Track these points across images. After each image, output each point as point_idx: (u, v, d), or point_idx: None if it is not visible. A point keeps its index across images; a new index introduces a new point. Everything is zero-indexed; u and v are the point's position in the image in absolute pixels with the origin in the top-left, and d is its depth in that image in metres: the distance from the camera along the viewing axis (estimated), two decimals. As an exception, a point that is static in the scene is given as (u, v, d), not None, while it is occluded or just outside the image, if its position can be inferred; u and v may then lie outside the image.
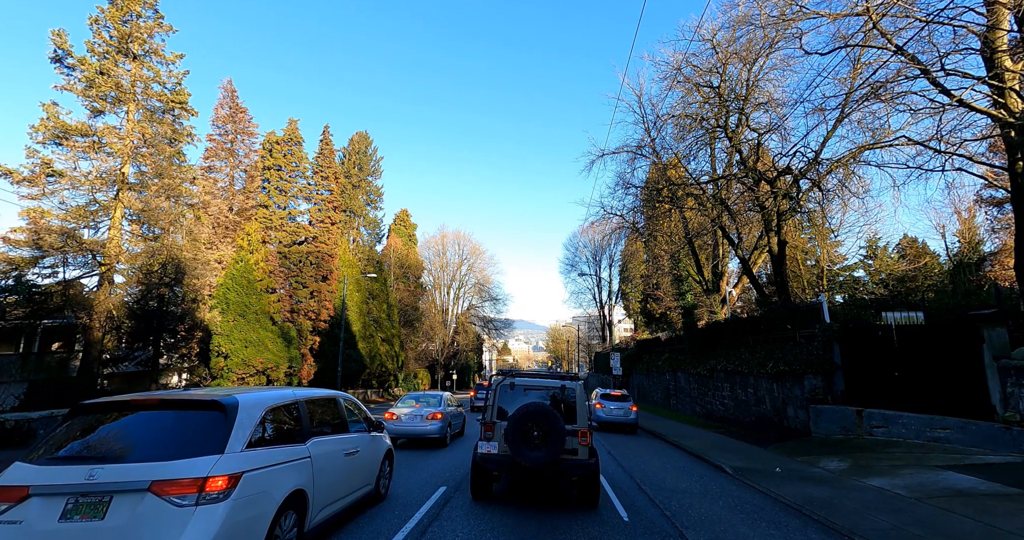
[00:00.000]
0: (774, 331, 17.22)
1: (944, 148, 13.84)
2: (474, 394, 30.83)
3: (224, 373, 24.17)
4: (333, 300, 33.58)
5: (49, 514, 3.66)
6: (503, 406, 7.72)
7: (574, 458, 7.31)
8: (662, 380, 30.67)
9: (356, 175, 45.97)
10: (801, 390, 13.90)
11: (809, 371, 13.66)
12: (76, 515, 3.66)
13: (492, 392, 7.88)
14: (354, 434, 6.63)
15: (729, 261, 30.55)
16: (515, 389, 7.89)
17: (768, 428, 15.72)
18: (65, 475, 3.80)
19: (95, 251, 17.66)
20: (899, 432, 11.41)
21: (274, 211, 31.26)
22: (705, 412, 22.51)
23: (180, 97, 21.15)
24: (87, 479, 3.73)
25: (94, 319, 17.94)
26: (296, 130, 33.52)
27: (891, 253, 39.66)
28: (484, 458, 7.39)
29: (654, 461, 12.53)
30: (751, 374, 17.21)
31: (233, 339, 24.44)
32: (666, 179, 20.94)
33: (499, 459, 7.32)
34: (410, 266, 62.27)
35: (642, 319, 56.50)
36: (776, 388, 15.44)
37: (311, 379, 31.60)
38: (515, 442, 6.87)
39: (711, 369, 21.36)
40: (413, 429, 13.45)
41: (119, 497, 3.71)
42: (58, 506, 3.69)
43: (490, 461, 7.34)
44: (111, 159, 19.09)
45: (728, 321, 22.53)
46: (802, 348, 14.89)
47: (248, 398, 4.67)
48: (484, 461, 7.37)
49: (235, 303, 24.88)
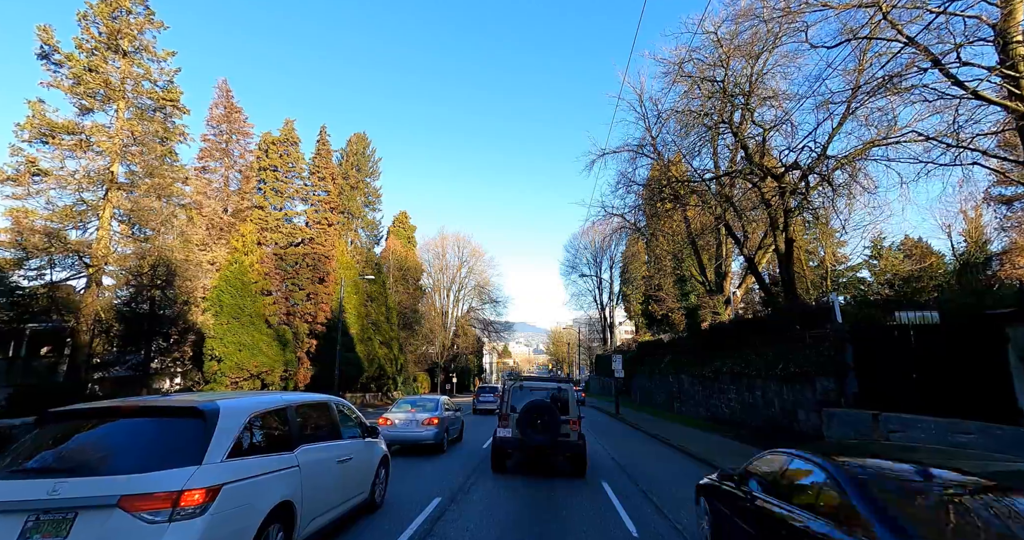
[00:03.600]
0: (782, 332, 16.68)
1: (955, 143, 13.39)
2: (476, 397, 30.52)
3: (217, 377, 23.62)
4: (330, 302, 33.07)
5: (7, 533, 3.34)
6: (514, 403, 10.32)
7: (567, 440, 9.94)
8: (665, 383, 30.12)
9: (354, 176, 45.51)
10: (812, 393, 13.36)
11: (821, 373, 13.12)
12: (36, 534, 3.32)
13: (505, 392, 10.76)
14: (347, 440, 6.23)
15: (732, 261, 30.04)
16: (523, 390, 10.70)
17: (777, 432, 15.17)
18: (25, 490, 3.46)
19: (81, 252, 17.16)
20: (917, 437, 10.87)
21: (270, 212, 30.77)
22: (711, 415, 21.96)
23: (172, 95, 20.70)
24: (50, 494, 3.39)
25: (81, 322, 17.43)
26: (292, 130, 33.05)
27: (895, 252, 39.19)
28: (501, 440, 10.08)
29: (660, 467, 11.99)
30: (758, 376, 16.68)
31: (227, 342, 23.90)
32: (668, 176, 20.45)
33: (512, 441, 9.95)
34: (409, 268, 61.76)
35: (643, 321, 55.98)
36: (785, 391, 14.90)
37: (308, 383, 31.04)
38: (524, 428, 9.56)
39: (716, 371, 20.82)
40: (408, 435, 12.91)
41: (85, 514, 3.37)
42: (17, 524, 3.34)
43: (506, 442, 10.02)
44: (100, 158, 18.61)
45: (733, 322, 22.02)
46: (812, 349, 14.36)
47: (230, 404, 4.28)
48: (501, 442, 10.07)
49: (229, 305, 24.35)
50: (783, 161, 16.60)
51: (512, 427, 10.01)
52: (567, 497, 8.40)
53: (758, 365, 16.60)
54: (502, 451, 10.18)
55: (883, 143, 14.73)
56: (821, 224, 25.67)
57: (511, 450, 10.15)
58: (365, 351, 37.87)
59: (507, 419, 10.16)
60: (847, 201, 16.12)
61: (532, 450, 9.87)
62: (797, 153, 15.73)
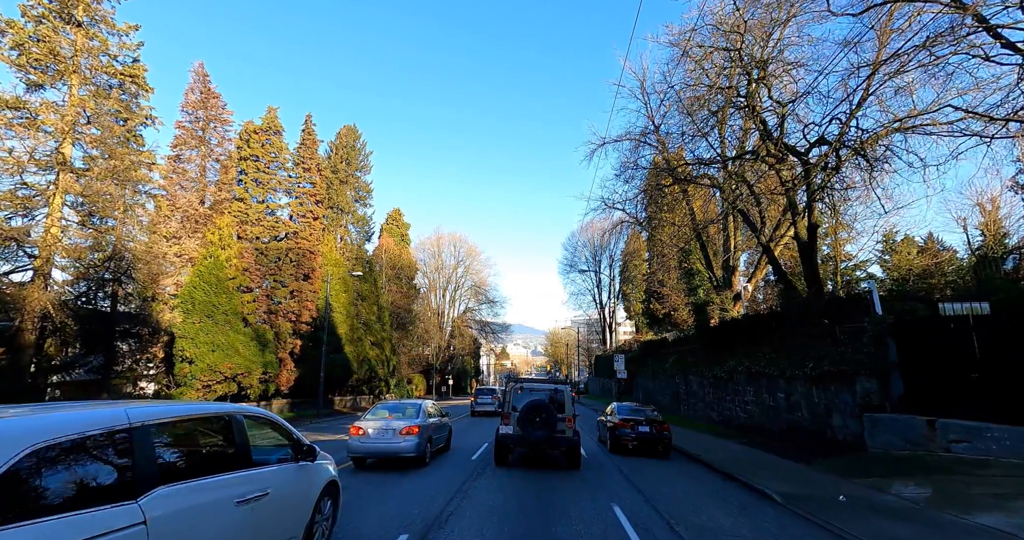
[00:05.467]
0: (806, 327, 14.95)
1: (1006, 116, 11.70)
2: (474, 400, 30.27)
3: (188, 380, 21.79)
4: (316, 300, 31.26)
5: None
6: (515, 402, 11.30)
7: (563, 435, 10.84)
8: (670, 384, 28.38)
9: (343, 170, 43.67)
10: (852, 395, 11.62)
11: (861, 372, 11.39)
12: None
13: (506, 393, 11.87)
14: (262, 469, 4.34)
15: (741, 254, 28.36)
16: (523, 391, 11.70)
17: (805, 439, 13.45)
18: None
19: (21, 241, 15.32)
20: (987, 448, 9.16)
21: (251, 204, 28.94)
22: (723, 419, 20.22)
23: (134, 71, 18.91)
24: None
25: (26, 320, 15.60)
26: (276, 119, 31.23)
27: (909, 247, 37.61)
28: (503, 436, 11.04)
29: (678, 483, 10.24)
30: (781, 376, 14.95)
31: (198, 342, 22.06)
32: (679, 158, 18.73)
33: (514, 437, 10.91)
34: (403, 267, 59.98)
35: (644, 320, 54.35)
36: (816, 393, 13.16)
37: (291, 386, 29.22)
38: (524, 425, 10.52)
39: (730, 371, 19.10)
40: (383, 447, 11.13)
41: None
42: None
43: (508, 438, 11.00)
44: (49, 138, 16.80)
45: (746, 318, 20.31)
46: (845, 345, 12.65)
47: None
48: (503, 438, 11.04)
49: (202, 303, 22.52)
50: (807, 138, 14.88)
51: (513, 424, 11.08)
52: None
53: (781, 364, 14.88)
54: (504, 446, 11.30)
55: (920, 115, 13.03)
56: (837, 213, 24.06)
57: (512, 445, 11.30)
58: (355, 352, 36.06)
59: (508, 417, 11.28)
60: (877, 177, 14.38)
61: (531, 444, 10.90)
62: (824, 126, 14.03)
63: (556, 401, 11.29)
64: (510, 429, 11.08)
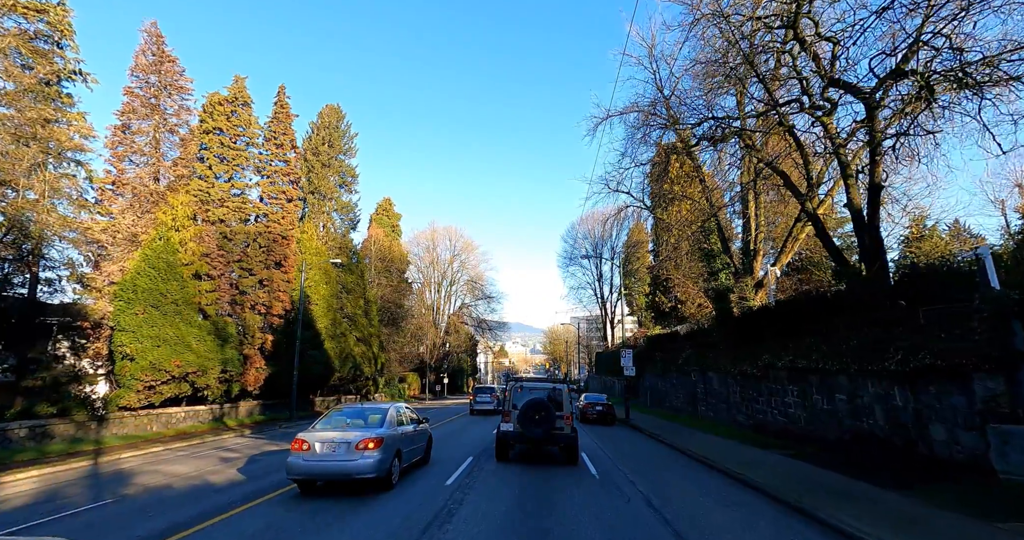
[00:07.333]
0: (868, 311, 11.87)
1: None
2: (473, 398, 30.80)
3: (128, 381, 18.64)
4: (291, 291, 28.14)
5: None
6: (515, 401, 12.09)
7: (561, 432, 11.62)
8: (685, 382, 25.36)
9: (326, 152, 40.42)
10: (968, 397, 8.50)
11: (980, 367, 8.30)
12: None
13: (508, 392, 12.56)
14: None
15: (763, 237, 25.32)
16: (523, 390, 12.52)
17: (880, 454, 10.41)
18: None
19: None
20: None
21: (213, 183, 25.74)
22: (753, 423, 17.20)
23: (48, 8, 15.74)
24: None
25: None
26: (244, 89, 28.00)
27: (941, 233, 34.72)
28: (504, 434, 11.87)
29: (717, 516, 7.20)
30: (842, 372, 11.89)
31: (141, 336, 18.91)
32: (712, 112, 15.67)
33: (514, 434, 11.74)
34: (394, 259, 56.84)
35: (649, 314, 51.44)
36: (900, 394, 10.10)
37: (261, 385, 26.07)
38: (524, 422, 11.33)
39: (764, 367, 16.07)
40: (332, 466, 8.16)
41: None
42: None
43: (508, 435, 11.82)
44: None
45: (782, 303, 17.26)
46: (934, 332, 9.60)
47: None
48: (504, 435, 11.87)
49: (146, 290, 19.36)
50: (874, 72, 11.77)
51: (514, 422, 11.62)
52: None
53: (842, 357, 11.81)
54: (504, 443, 11.91)
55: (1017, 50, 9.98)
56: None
57: (513, 442, 11.84)
58: (337, 348, 32.95)
59: (509, 415, 11.85)
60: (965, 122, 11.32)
61: (531, 441, 11.41)
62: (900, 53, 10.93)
63: (555, 400, 11.91)
64: (510, 426, 11.70)
